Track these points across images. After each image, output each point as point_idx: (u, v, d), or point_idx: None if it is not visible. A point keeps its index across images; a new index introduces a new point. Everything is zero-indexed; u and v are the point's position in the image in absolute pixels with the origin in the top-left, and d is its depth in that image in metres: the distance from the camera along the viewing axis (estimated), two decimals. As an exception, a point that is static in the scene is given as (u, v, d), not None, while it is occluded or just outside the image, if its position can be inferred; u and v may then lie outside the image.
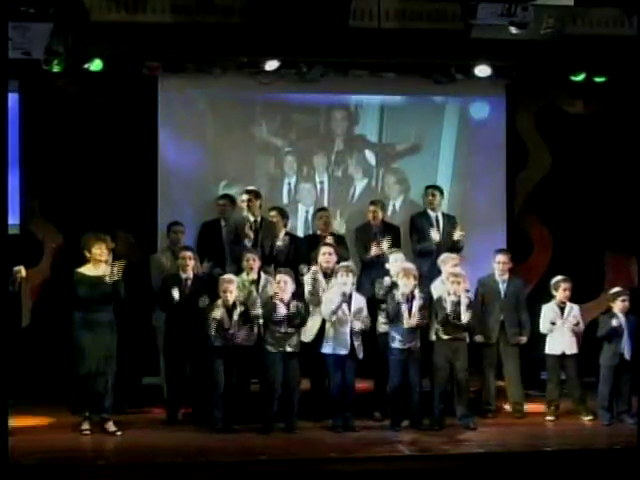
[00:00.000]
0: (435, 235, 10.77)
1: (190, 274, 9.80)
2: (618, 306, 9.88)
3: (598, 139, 11.78)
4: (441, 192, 11.13)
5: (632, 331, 9.80)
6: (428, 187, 11.16)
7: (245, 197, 10.62)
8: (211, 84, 11.21)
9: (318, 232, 10.83)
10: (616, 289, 10.08)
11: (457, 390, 9.70)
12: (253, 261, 9.87)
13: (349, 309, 9.52)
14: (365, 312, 9.62)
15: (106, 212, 11.05)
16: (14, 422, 8.71)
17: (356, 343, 9.51)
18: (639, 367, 9.73)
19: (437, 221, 10.96)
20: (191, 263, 9.83)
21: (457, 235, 10.71)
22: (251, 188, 10.78)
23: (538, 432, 9.64)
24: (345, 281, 9.53)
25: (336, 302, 9.48)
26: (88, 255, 9.51)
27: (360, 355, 9.55)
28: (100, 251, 9.45)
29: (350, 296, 9.56)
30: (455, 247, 10.69)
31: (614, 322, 9.77)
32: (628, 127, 11.50)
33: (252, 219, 10.59)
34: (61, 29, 9.41)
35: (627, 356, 9.79)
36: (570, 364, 9.98)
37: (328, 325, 9.57)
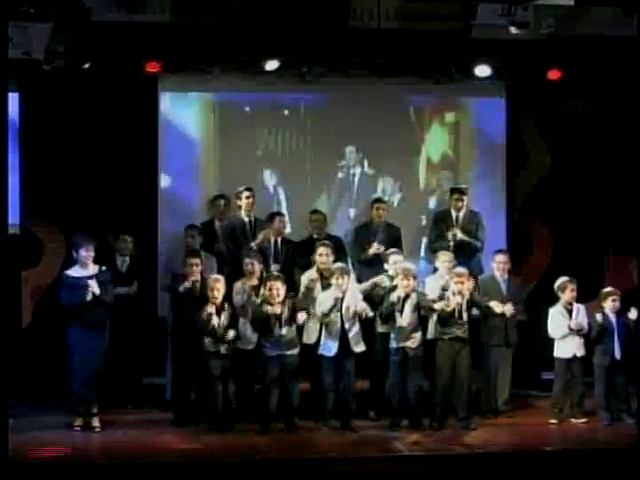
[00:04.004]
0: (451, 235, 10.75)
1: (198, 277, 9.77)
2: (609, 306, 9.89)
3: (598, 139, 11.78)
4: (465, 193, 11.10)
5: (622, 331, 9.81)
6: (454, 191, 11.12)
7: (246, 194, 10.64)
8: (211, 84, 11.21)
9: (315, 235, 10.80)
10: (607, 289, 10.10)
11: (458, 390, 9.69)
12: (252, 265, 9.86)
13: (341, 310, 9.49)
14: (360, 297, 9.59)
15: (106, 212, 11.05)
16: (14, 421, 8.74)
17: (350, 334, 9.47)
18: (637, 367, 9.73)
19: (457, 220, 10.94)
20: (198, 269, 9.78)
21: (457, 236, 10.69)
22: (251, 186, 10.80)
23: (538, 432, 9.63)
24: (341, 283, 9.52)
25: (329, 305, 9.46)
26: (75, 256, 9.60)
27: (357, 348, 9.51)
28: (86, 254, 9.53)
29: (344, 297, 9.54)
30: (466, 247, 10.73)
31: (598, 317, 9.77)
32: (628, 127, 11.50)
33: (247, 219, 10.61)
34: (61, 29, 9.42)
35: (618, 356, 9.80)
36: (577, 366, 9.95)
37: (321, 326, 9.56)
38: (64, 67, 9.98)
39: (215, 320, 9.42)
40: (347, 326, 9.49)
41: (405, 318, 9.52)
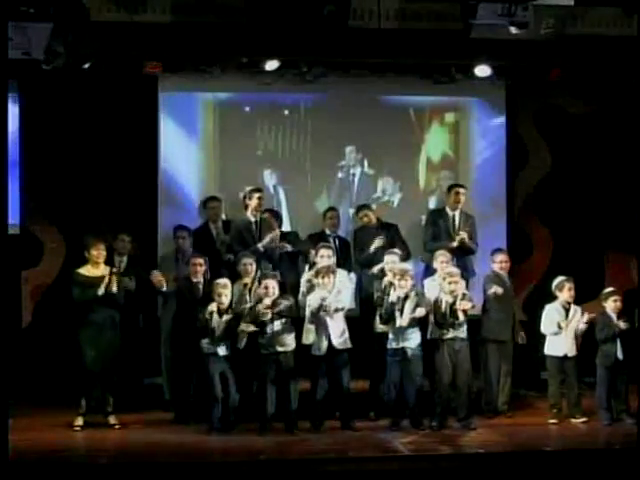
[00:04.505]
0: (452, 235, 10.74)
1: (200, 279, 9.81)
2: (610, 306, 9.88)
3: (598, 139, 11.79)
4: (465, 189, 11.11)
5: (623, 331, 9.78)
6: (454, 186, 11.10)
7: (258, 195, 10.63)
8: (211, 84, 11.21)
9: (327, 232, 10.82)
10: (608, 289, 10.09)
11: (458, 390, 9.69)
12: (250, 266, 9.86)
13: (328, 310, 9.47)
14: (344, 293, 9.59)
15: (106, 212, 11.06)
16: (14, 421, 8.73)
17: (336, 333, 9.43)
18: (638, 367, 9.73)
19: (454, 220, 10.94)
20: (202, 269, 9.83)
21: (459, 240, 10.68)
22: (259, 187, 10.80)
23: (538, 432, 9.63)
24: (327, 282, 9.50)
25: (316, 305, 9.46)
26: (87, 255, 9.62)
27: (343, 346, 9.48)
28: (97, 252, 9.58)
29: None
30: (465, 250, 10.70)
31: (622, 325, 9.75)
32: (628, 127, 11.50)
33: (253, 219, 10.61)
34: (61, 29, 9.41)
35: (620, 356, 9.80)
36: (570, 366, 9.96)
37: (312, 327, 9.56)
38: (64, 67, 9.98)
39: (215, 321, 9.41)
40: (333, 325, 9.48)
41: (405, 318, 9.52)
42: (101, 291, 9.47)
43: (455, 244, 10.63)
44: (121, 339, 9.74)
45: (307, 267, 10.12)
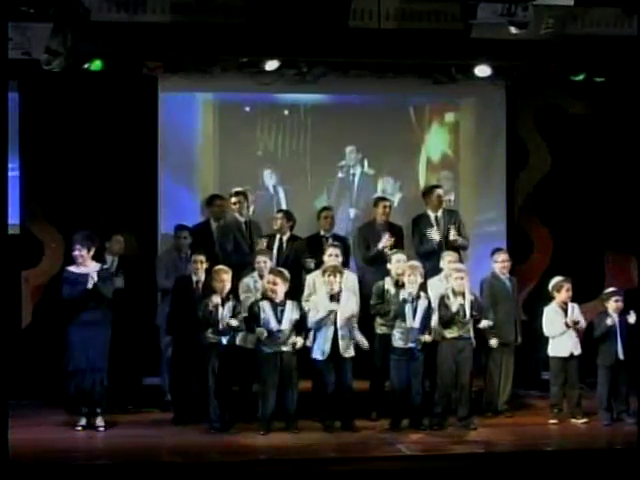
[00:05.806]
0: (435, 235, 10.73)
1: (202, 277, 9.82)
2: (612, 306, 9.89)
3: (598, 139, 11.79)
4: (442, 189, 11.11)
5: (624, 331, 9.80)
6: (433, 187, 11.10)
7: (235, 199, 10.66)
8: (211, 84, 11.22)
9: (322, 232, 10.84)
10: (610, 289, 10.10)
11: (460, 390, 9.67)
12: (264, 263, 9.89)
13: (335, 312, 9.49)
14: (352, 300, 9.59)
15: (106, 212, 11.06)
16: (14, 421, 8.73)
17: (341, 338, 9.42)
18: (637, 367, 9.73)
19: (437, 220, 10.94)
20: (203, 266, 9.85)
21: (451, 236, 10.67)
22: (240, 189, 10.81)
23: (538, 432, 9.63)
24: (332, 281, 9.49)
25: (322, 314, 9.44)
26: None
27: (346, 354, 9.48)
28: (77, 253, 9.49)
29: (339, 295, 9.51)
30: (456, 247, 10.67)
31: (609, 321, 9.77)
32: (628, 127, 11.50)
33: (242, 220, 10.62)
34: (61, 29, 9.42)
35: (621, 356, 9.80)
36: (573, 365, 9.96)
37: (314, 330, 9.54)
38: (64, 67, 9.97)
39: (219, 311, 9.40)
40: (339, 330, 9.46)
41: (417, 320, 9.48)
42: (89, 285, 9.39)
43: (442, 242, 10.64)
44: (116, 339, 9.69)
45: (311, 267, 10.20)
